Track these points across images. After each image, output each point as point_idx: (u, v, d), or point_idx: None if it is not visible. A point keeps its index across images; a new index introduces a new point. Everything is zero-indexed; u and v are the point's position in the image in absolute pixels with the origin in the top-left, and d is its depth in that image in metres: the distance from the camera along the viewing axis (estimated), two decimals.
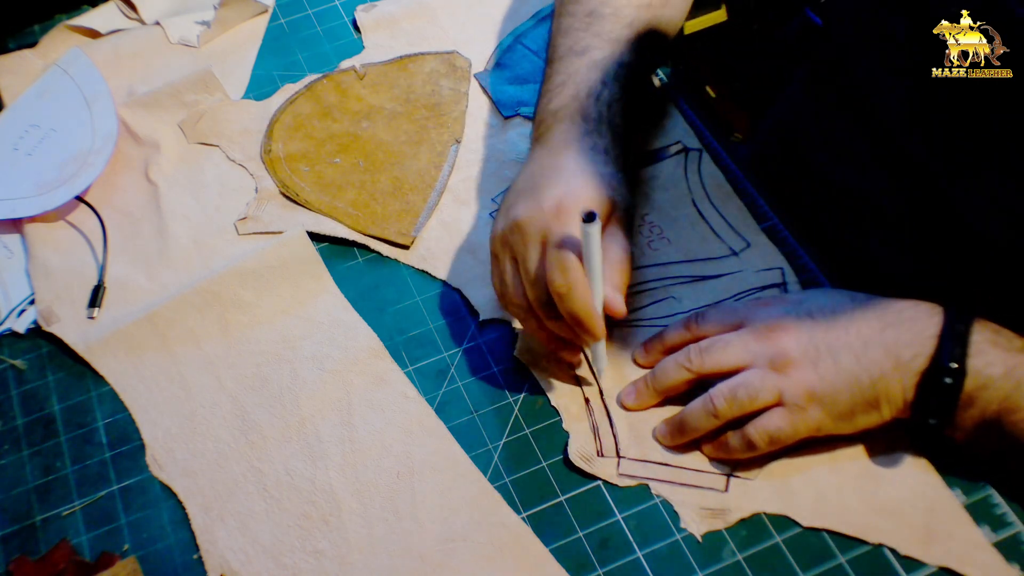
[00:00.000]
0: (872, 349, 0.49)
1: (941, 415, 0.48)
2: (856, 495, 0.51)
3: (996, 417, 0.47)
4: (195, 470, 0.55)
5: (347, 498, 0.53)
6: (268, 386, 0.57)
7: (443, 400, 0.57)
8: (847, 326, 0.50)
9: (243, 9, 0.79)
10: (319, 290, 0.62)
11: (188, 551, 0.52)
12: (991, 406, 0.47)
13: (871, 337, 0.49)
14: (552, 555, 0.50)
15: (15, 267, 0.65)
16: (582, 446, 0.54)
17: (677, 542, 0.50)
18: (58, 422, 0.58)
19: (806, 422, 0.50)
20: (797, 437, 0.50)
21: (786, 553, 0.49)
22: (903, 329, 0.49)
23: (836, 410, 0.49)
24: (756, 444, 0.50)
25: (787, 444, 0.50)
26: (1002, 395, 0.46)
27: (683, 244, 0.62)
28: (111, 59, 0.76)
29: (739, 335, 0.52)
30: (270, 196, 0.67)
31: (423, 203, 0.66)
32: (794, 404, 0.49)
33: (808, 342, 0.50)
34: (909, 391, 0.48)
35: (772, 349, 0.51)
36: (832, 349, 0.50)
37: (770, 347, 0.51)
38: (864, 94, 0.61)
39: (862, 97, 0.61)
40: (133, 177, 0.69)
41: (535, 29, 0.77)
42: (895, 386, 0.48)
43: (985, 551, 0.48)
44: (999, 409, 0.47)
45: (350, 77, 0.74)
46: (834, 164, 0.65)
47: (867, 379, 0.49)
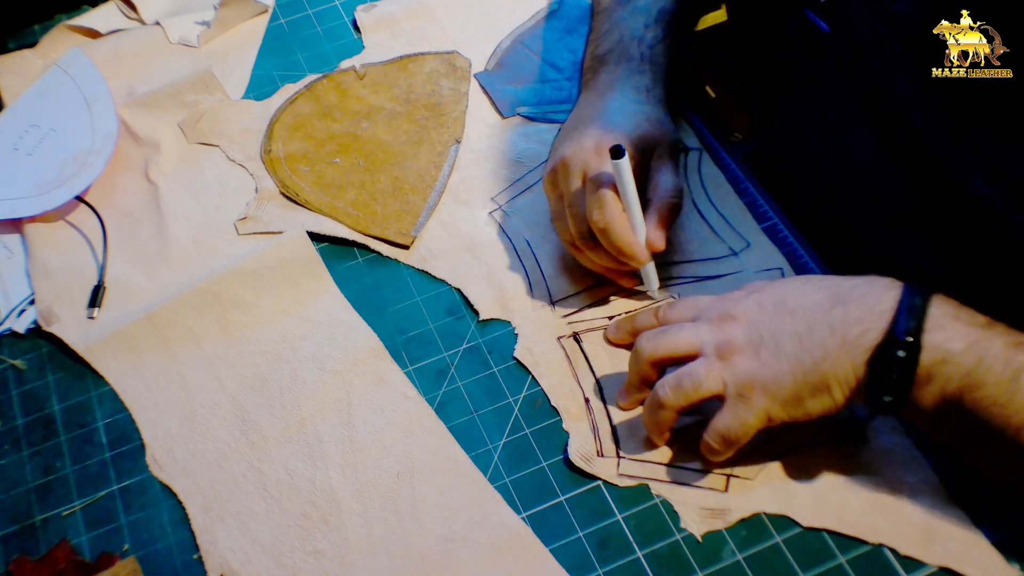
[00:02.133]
0: (817, 330, 0.48)
1: (896, 392, 0.45)
2: (856, 495, 0.51)
3: (957, 395, 0.44)
4: (195, 470, 0.55)
5: (347, 498, 0.53)
6: (268, 386, 0.57)
7: (443, 400, 0.57)
8: (795, 310, 0.49)
9: (243, 9, 0.79)
10: (319, 290, 0.62)
11: (188, 551, 0.52)
12: (951, 383, 0.44)
13: (817, 319, 0.48)
14: (552, 555, 0.50)
15: (15, 267, 0.65)
16: (582, 446, 0.54)
17: (677, 542, 0.50)
18: (58, 422, 0.58)
19: (753, 411, 0.48)
20: (749, 430, 0.49)
21: (786, 553, 0.49)
22: (853, 307, 0.48)
23: (781, 396, 0.48)
24: (713, 448, 0.50)
25: (743, 439, 0.49)
26: (963, 371, 0.44)
27: (683, 244, 0.62)
28: (111, 59, 0.76)
29: (694, 323, 0.52)
30: (270, 196, 0.67)
31: (423, 203, 0.66)
32: (737, 394, 0.48)
33: (754, 330, 0.49)
34: (859, 368, 0.46)
35: (720, 337, 0.50)
36: (775, 335, 0.49)
37: (718, 335, 0.50)
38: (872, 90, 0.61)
39: (870, 93, 0.61)
40: (133, 177, 0.69)
41: (535, 29, 0.77)
42: (844, 365, 0.46)
43: (985, 551, 0.48)
44: (960, 386, 0.44)
45: (350, 77, 0.74)
46: (842, 160, 0.65)
47: (809, 361, 0.47)
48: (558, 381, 0.57)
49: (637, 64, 0.61)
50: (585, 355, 0.57)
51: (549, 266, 0.62)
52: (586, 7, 0.78)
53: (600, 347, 0.58)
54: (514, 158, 0.68)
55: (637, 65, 0.61)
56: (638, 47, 0.62)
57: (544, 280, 0.61)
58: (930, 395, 0.45)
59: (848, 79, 0.64)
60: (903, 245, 0.61)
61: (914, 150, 0.58)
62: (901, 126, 0.59)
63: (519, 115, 0.71)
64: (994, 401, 0.44)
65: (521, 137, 0.69)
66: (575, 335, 0.58)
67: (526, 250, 0.63)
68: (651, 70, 0.61)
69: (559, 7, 0.79)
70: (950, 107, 0.54)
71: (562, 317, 0.59)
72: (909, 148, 0.59)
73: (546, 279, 0.61)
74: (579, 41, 0.76)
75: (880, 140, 0.61)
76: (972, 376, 0.44)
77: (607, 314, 0.59)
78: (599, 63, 0.63)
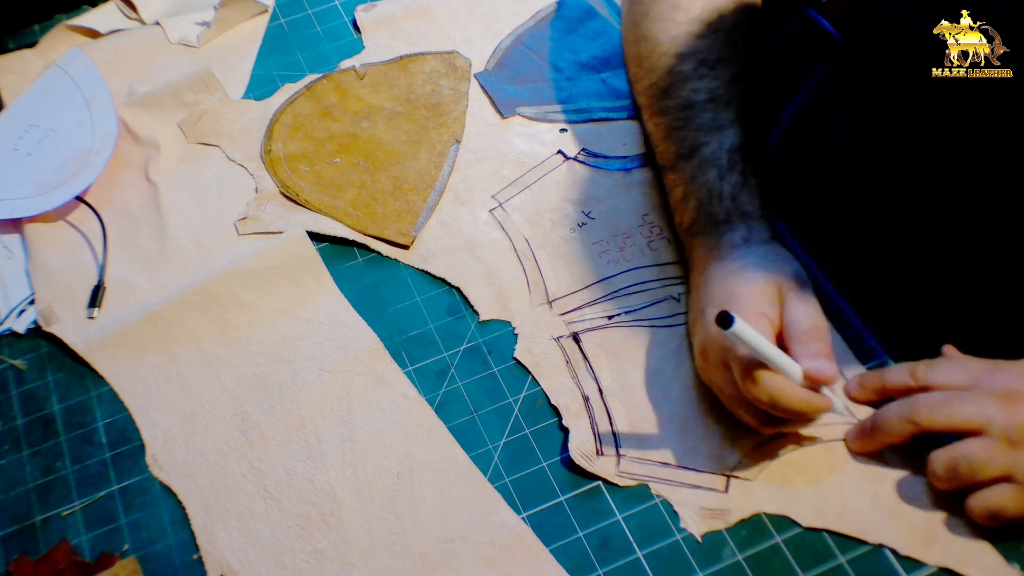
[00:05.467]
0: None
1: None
2: (856, 495, 0.51)
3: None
4: (195, 470, 0.55)
5: (347, 498, 0.53)
6: (268, 386, 0.57)
7: (443, 400, 0.57)
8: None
9: (243, 9, 0.79)
10: (319, 290, 0.62)
11: (188, 551, 0.52)
12: None
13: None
14: (552, 555, 0.50)
15: (15, 267, 0.65)
16: (582, 443, 0.54)
17: (677, 542, 0.50)
18: (58, 422, 0.58)
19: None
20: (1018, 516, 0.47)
21: (786, 553, 0.49)
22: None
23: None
24: (974, 514, 0.47)
25: (1008, 522, 0.47)
26: None
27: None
28: (111, 59, 0.76)
29: (976, 395, 0.48)
30: (270, 196, 0.67)
31: (423, 203, 0.66)
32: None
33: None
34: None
35: (1011, 420, 0.46)
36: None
37: (1009, 417, 0.47)
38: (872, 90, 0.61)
39: (871, 93, 0.61)
40: (133, 177, 0.69)
41: (535, 29, 0.77)
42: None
43: (985, 551, 0.48)
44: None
45: (350, 77, 0.74)
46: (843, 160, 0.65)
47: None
48: (558, 381, 0.56)
49: (724, 226, 0.56)
50: (584, 355, 0.57)
51: (549, 266, 0.62)
52: (586, 7, 0.78)
53: (599, 347, 0.58)
54: (514, 158, 0.68)
55: (726, 226, 0.56)
56: (720, 205, 0.57)
57: (543, 280, 0.61)
58: None
59: (849, 79, 0.64)
60: (904, 245, 0.61)
61: (915, 150, 0.58)
62: (901, 126, 0.59)
63: (519, 115, 0.71)
64: None
65: (521, 137, 0.69)
66: (575, 335, 0.58)
67: (526, 250, 0.63)
68: (742, 222, 0.56)
69: (559, 7, 0.79)
70: (950, 107, 0.54)
71: (561, 316, 0.59)
72: (910, 148, 0.59)
73: (545, 279, 0.61)
74: (579, 41, 0.76)
75: (881, 140, 0.61)
76: None
77: (607, 313, 0.59)
78: (691, 237, 0.58)
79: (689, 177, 0.58)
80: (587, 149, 0.68)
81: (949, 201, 0.57)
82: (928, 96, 0.55)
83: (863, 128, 0.63)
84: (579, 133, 0.69)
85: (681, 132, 0.60)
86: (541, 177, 0.67)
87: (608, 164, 0.67)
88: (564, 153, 0.68)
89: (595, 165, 0.67)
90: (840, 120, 0.65)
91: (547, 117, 0.71)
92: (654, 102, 0.63)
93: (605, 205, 0.65)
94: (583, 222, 0.64)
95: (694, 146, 0.59)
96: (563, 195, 0.66)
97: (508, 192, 0.66)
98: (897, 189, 0.61)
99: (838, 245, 0.65)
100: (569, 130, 0.70)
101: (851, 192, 0.65)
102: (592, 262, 0.62)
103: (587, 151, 0.68)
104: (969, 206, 0.56)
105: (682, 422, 0.54)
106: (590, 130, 0.69)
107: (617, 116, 0.70)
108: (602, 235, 0.63)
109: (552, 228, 0.64)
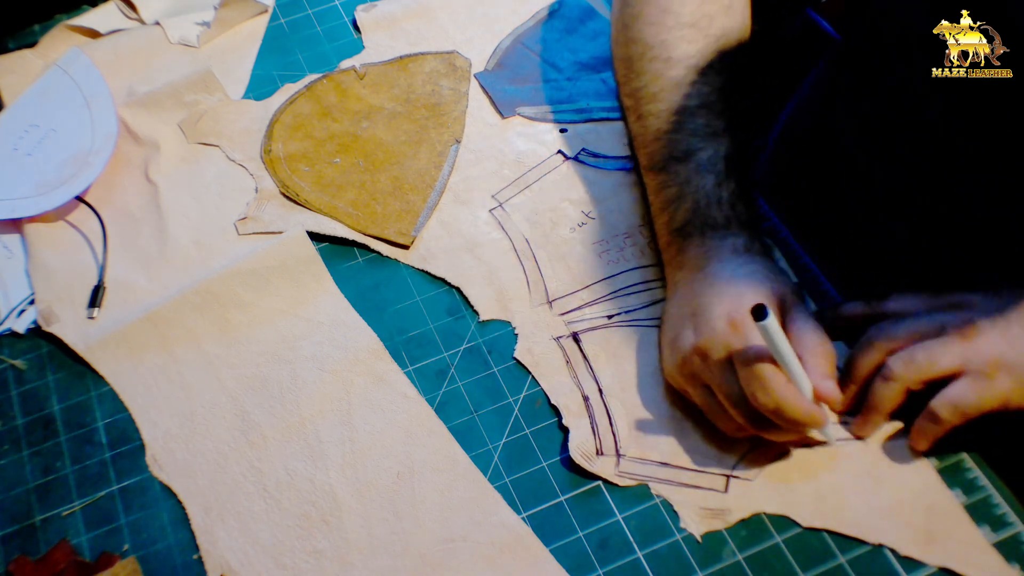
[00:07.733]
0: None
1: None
2: (856, 495, 0.51)
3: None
4: (195, 470, 0.55)
5: (347, 498, 0.53)
6: (268, 386, 0.57)
7: (443, 400, 0.57)
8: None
9: (243, 9, 0.79)
10: (319, 290, 0.62)
11: (188, 551, 0.52)
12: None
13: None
14: (552, 555, 0.50)
15: (15, 267, 0.65)
16: (582, 443, 0.54)
17: (677, 542, 0.50)
18: (58, 422, 0.58)
19: (992, 392, 0.47)
20: (982, 408, 0.48)
21: (786, 553, 0.49)
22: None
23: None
24: (939, 415, 0.48)
25: (972, 416, 0.48)
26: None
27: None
28: (111, 59, 0.76)
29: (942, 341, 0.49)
30: (270, 196, 0.67)
31: (423, 203, 0.66)
32: (979, 372, 0.47)
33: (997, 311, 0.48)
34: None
35: (958, 319, 0.48)
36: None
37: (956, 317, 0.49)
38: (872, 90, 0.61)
39: (871, 93, 0.61)
40: (133, 177, 0.69)
41: (535, 29, 0.77)
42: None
43: (985, 551, 0.48)
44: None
45: (350, 77, 0.74)
46: (843, 160, 0.65)
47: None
48: (558, 381, 0.56)
49: (724, 229, 0.56)
50: (584, 355, 0.57)
51: (548, 266, 0.62)
52: (586, 7, 0.78)
53: (599, 347, 0.58)
54: (514, 158, 0.68)
55: (724, 230, 0.56)
56: (720, 211, 0.56)
57: (543, 280, 0.61)
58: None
59: (849, 79, 0.64)
60: (904, 244, 0.62)
61: (914, 150, 0.58)
62: (902, 126, 0.59)
63: (519, 115, 0.71)
64: None
65: (521, 137, 0.69)
66: (574, 335, 0.58)
67: (526, 250, 0.63)
68: (742, 229, 0.56)
69: (559, 7, 0.79)
70: (950, 107, 0.54)
71: (561, 316, 0.59)
72: (909, 148, 0.59)
73: (545, 279, 0.61)
74: (579, 41, 0.76)
75: (881, 140, 0.61)
76: None
77: (607, 313, 0.59)
78: (681, 237, 0.57)
79: (684, 179, 0.58)
80: (587, 149, 0.68)
81: (949, 201, 0.57)
82: (928, 96, 0.55)
83: (863, 128, 0.63)
84: (579, 133, 0.69)
85: (674, 135, 0.59)
86: (541, 177, 0.67)
87: (608, 164, 0.67)
88: (564, 153, 0.68)
89: (595, 165, 0.67)
90: (840, 120, 0.65)
91: (547, 117, 0.71)
92: (642, 104, 0.62)
93: (605, 205, 0.65)
94: (583, 222, 0.64)
95: (688, 150, 0.58)
96: (563, 195, 0.66)
97: (508, 192, 0.66)
98: (897, 189, 0.61)
99: (837, 244, 0.65)
100: (569, 130, 0.70)
101: (850, 191, 0.65)
102: (592, 262, 0.62)
103: (587, 151, 0.68)
104: (969, 206, 0.56)
105: (682, 422, 0.54)
106: (590, 130, 0.69)
107: (617, 116, 0.70)
108: (602, 235, 0.63)
109: (552, 228, 0.64)
